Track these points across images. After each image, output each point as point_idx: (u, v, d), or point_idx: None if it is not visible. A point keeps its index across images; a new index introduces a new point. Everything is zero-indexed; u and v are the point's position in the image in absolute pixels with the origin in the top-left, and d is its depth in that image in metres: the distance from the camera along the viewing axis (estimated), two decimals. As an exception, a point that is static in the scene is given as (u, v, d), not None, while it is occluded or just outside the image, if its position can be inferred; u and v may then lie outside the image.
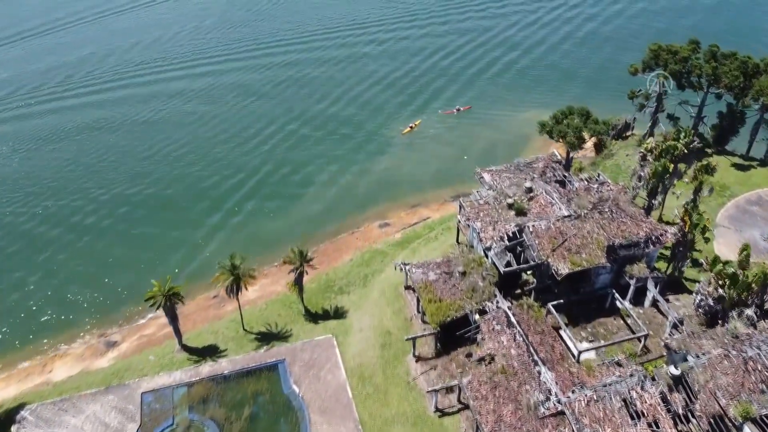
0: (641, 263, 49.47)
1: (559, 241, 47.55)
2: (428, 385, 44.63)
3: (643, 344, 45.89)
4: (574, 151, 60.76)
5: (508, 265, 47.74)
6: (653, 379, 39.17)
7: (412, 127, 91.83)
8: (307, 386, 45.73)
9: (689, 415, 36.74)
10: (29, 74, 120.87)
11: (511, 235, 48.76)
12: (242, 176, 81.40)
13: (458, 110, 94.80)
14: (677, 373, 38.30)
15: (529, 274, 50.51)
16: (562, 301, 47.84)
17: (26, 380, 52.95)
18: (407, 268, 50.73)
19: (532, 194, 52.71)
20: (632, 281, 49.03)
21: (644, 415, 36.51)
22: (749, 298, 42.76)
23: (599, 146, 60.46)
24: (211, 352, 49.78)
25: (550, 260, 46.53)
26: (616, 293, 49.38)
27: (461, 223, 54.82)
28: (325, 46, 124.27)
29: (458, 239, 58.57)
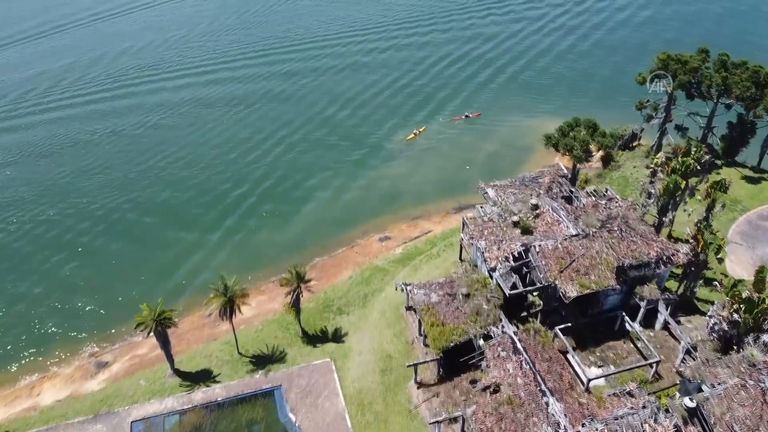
0: (652, 284, 48.00)
1: (566, 261, 46.05)
2: (431, 413, 43.10)
3: (654, 370, 44.33)
4: (580, 164, 59.23)
5: (513, 287, 46.22)
6: (667, 410, 37.60)
7: (416, 133, 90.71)
8: (304, 414, 44.22)
9: (705, 450, 35.24)
10: (16, 81, 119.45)
11: (516, 255, 47.21)
12: (239, 188, 79.89)
13: (467, 117, 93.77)
14: (692, 405, 36.75)
15: (535, 295, 48.98)
16: (570, 324, 46.32)
17: (13, 404, 51.52)
18: (408, 288, 49.21)
19: (538, 211, 51.23)
20: (642, 303, 47.48)
21: (658, 450, 34.98)
22: (766, 322, 41.24)
23: (607, 159, 59.01)
24: (204, 377, 48.25)
25: (557, 282, 45.03)
26: (625, 315, 47.81)
27: (464, 241, 53.29)
28: (325, 52, 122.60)
29: (461, 256, 57.07)
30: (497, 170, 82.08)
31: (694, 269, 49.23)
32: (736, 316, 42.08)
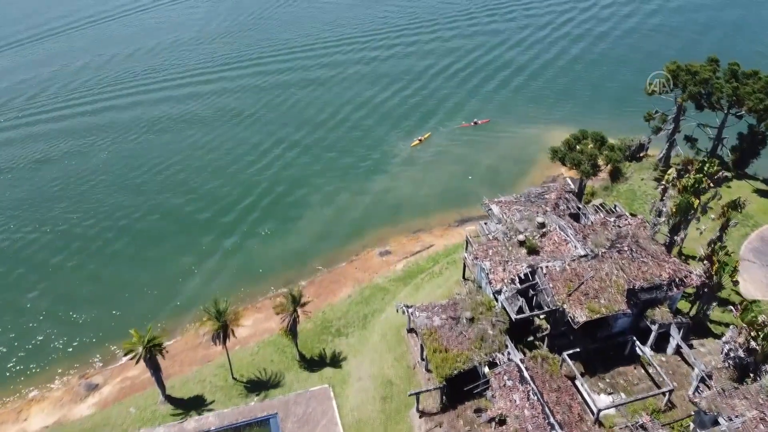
0: (663, 307, 46.42)
1: (575, 284, 44.47)
2: (433, 445, 41.47)
3: (667, 399, 42.70)
4: (587, 178, 57.60)
5: (520, 311, 44.55)
6: (682, 446, 36.04)
7: (420, 140, 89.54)
8: (301, 445, 42.60)
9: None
10: (7, 88, 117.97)
11: (522, 277, 45.57)
12: (236, 200, 78.40)
13: (476, 123, 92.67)
14: (709, 441, 35.17)
15: (542, 318, 47.33)
16: (579, 350, 44.75)
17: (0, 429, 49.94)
18: (410, 311, 47.56)
19: (544, 230, 49.59)
20: (654, 327, 45.88)
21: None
22: (784, 351, 39.65)
23: (615, 174, 57.35)
24: (197, 404, 46.64)
25: (565, 307, 43.41)
26: (636, 340, 46.20)
27: (468, 260, 51.65)
28: (325, 58, 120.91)
29: (464, 275, 55.44)
30: (500, 181, 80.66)
31: (707, 290, 47.56)
32: (753, 343, 40.48)
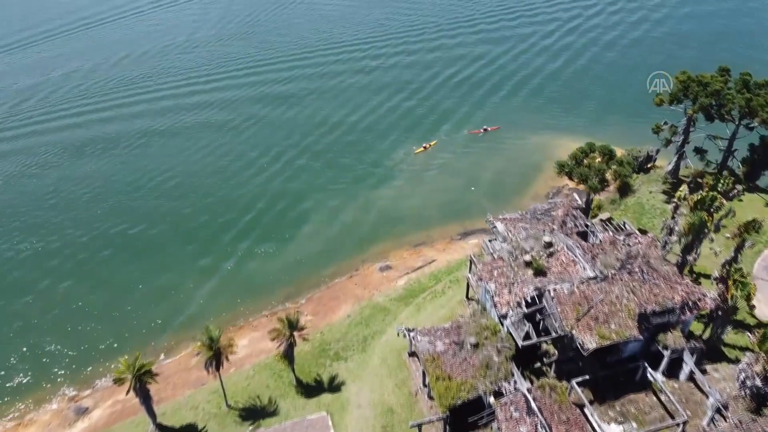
0: (676, 331, 44.69)
1: (584, 308, 42.79)
2: (436, 479, 39.77)
3: (681, 430, 40.94)
4: (595, 193, 55.97)
5: (527, 336, 42.85)
6: (699, 485, 34.32)
7: (426, 147, 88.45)
8: (297, 478, 40.92)
9: None
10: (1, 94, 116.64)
11: (529, 300, 43.88)
12: (233, 212, 77.07)
13: (485, 130, 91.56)
14: (728, 481, 33.42)
15: (549, 343, 45.57)
16: (588, 377, 43.05)
17: (-16, 456, 48.34)
18: (411, 335, 45.85)
19: (551, 249, 47.89)
20: (666, 352, 44.15)
21: None
22: (806, 381, 37.97)
23: (624, 189, 55.76)
24: (189, 433, 44.96)
25: (574, 332, 41.72)
26: (648, 366, 44.46)
27: (472, 281, 49.97)
28: (325, 66, 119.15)
29: (468, 294, 53.76)
30: (504, 191, 79.21)
31: (721, 313, 45.87)
32: (771, 372, 38.83)
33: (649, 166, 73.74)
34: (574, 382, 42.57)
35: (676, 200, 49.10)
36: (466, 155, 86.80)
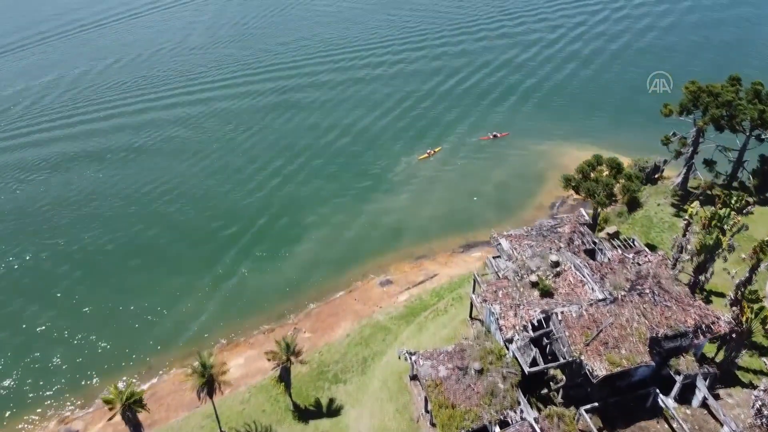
0: (689, 355, 43.13)
1: (593, 332, 41.27)
2: None
3: (695, 461, 39.40)
4: (603, 208, 54.43)
5: (533, 363, 41.32)
6: None
7: (430, 153, 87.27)
8: None
9: None
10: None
11: (536, 323, 42.34)
12: (229, 224, 75.45)
13: (495, 136, 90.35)
14: None
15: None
16: (596, 404, 41.52)
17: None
18: (413, 359, 44.31)
19: (558, 269, 46.35)
20: (678, 378, 42.59)
21: None
22: (825, 411, 36.39)
23: (632, 205, 54.27)
24: (181, 462, 43.39)
25: (583, 358, 40.19)
26: (659, 392, 42.90)
27: (476, 302, 48.44)
28: (326, 70, 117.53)
29: (471, 313, 52.21)
30: (507, 202, 77.76)
31: (736, 336, 44.29)
32: (789, 402, 37.24)
33: (656, 176, 72.17)
34: (582, 409, 41.10)
35: (687, 217, 47.52)
36: (468, 164, 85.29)
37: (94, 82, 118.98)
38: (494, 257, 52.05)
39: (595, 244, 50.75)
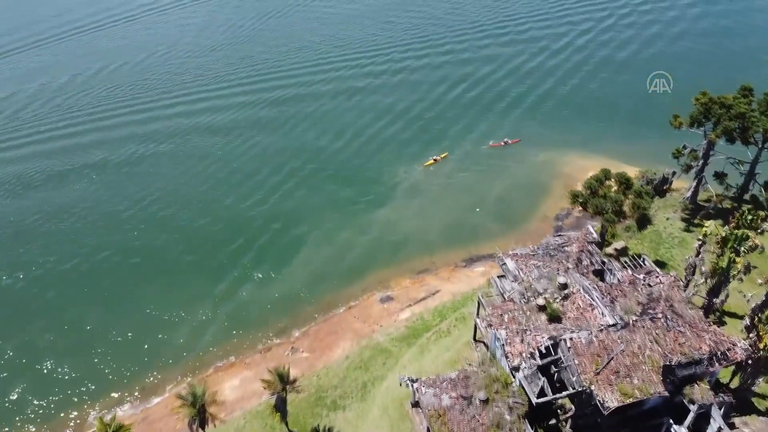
0: (703, 384, 41.37)
1: (603, 360, 39.53)
2: None
3: (712, 498, 37.71)
4: (611, 225, 52.72)
5: (541, 392, 39.56)
6: None
7: (435, 159, 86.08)
8: None
9: None
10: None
11: (543, 350, 40.60)
12: (226, 239, 73.98)
13: (506, 143, 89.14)
14: None
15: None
16: (607, 436, 39.88)
17: None
18: (415, 386, 42.57)
19: (566, 291, 44.64)
20: (692, 407, 40.86)
21: None
22: None
23: (642, 222, 52.60)
24: (172, 496, 41.70)
25: (593, 387, 38.46)
26: (672, 423, 41.20)
27: (481, 326, 46.71)
28: (327, 75, 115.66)
29: (475, 336, 50.48)
30: (511, 213, 76.13)
31: (752, 362, 42.61)
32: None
33: (665, 188, 70.39)
34: (592, 441, 39.45)
35: (701, 237, 45.78)
36: (470, 174, 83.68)
37: (85, 89, 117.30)
38: (499, 276, 50.39)
39: (603, 263, 49.08)
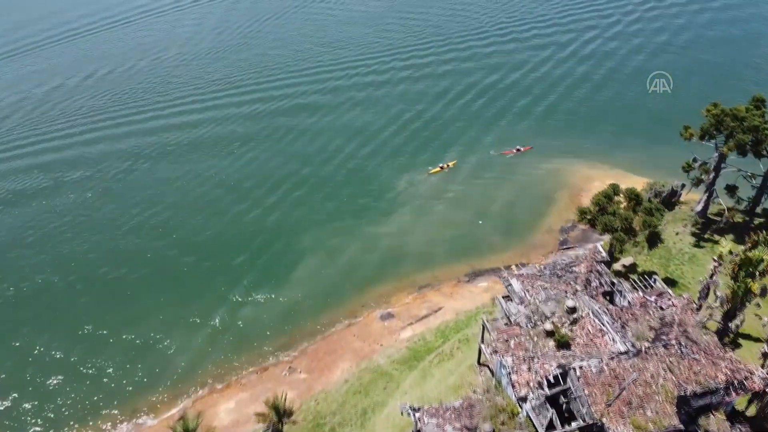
0: (719, 414, 39.71)
1: (615, 390, 37.83)
2: None
3: None
4: (621, 244, 50.96)
5: (550, 425, 37.84)
6: None
7: (442, 167, 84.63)
8: None
9: None
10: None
11: (552, 380, 38.89)
12: (222, 252, 72.28)
13: (518, 150, 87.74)
14: None
15: (574, 425, 40.63)
16: (619, 470, 38.01)
17: None
18: (417, 416, 40.85)
19: (575, 315, 42.91)
20: (709, 439, 39.17)
21: None
22: None
23: (653, 240, 50.94)
24: None
25: (604, 420, 36.75)
26: (688, 456, 39.48)
27: (485, 352, 45.01)
28: (327, 82, 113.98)
29: (480, 359, 48.72)
30: (514, 226, 74.48)
31: (769, 391, 40.88)
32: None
33: (674, 201, 68.62)
34: (604, 476, 37.66)
35: (716, 258, 44.09)
36: (474, 183, 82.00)
37: (80, 95, 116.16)
38: (504, 297, 48.67)
39: (613, 285, 47.38)
